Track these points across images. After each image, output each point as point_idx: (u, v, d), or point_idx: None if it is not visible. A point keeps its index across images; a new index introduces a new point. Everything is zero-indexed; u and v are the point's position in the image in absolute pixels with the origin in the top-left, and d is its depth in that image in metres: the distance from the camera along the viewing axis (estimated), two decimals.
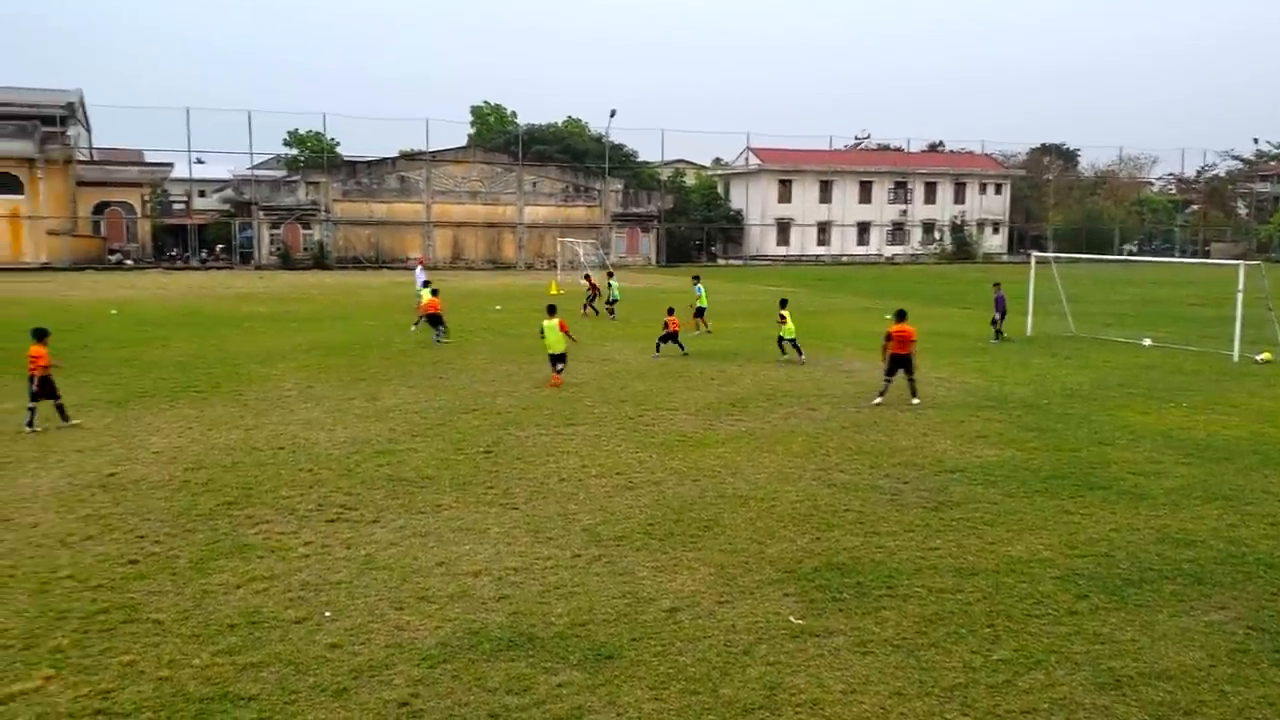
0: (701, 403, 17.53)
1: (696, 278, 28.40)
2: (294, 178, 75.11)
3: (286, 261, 70.12)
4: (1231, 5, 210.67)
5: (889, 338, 17.83)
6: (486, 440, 14.31)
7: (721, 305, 39.73)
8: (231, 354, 23.41)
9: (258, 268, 68.91)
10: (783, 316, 23.22)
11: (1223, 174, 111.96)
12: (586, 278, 36.87)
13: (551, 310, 20.53)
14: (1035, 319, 29.51)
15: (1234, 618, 8.19)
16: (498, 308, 36.80)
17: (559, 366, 19.69)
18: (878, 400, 17.52)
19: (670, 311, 24.23)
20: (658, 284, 53.83)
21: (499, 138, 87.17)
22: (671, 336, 23.78)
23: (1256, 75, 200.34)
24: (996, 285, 28.63)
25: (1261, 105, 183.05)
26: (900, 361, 17.69)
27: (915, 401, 17.46)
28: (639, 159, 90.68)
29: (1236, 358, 23.38)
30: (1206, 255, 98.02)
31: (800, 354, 22.89)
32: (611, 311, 32.23)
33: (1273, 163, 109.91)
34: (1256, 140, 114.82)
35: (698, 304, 29.30)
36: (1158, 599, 8.59)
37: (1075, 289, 34.36)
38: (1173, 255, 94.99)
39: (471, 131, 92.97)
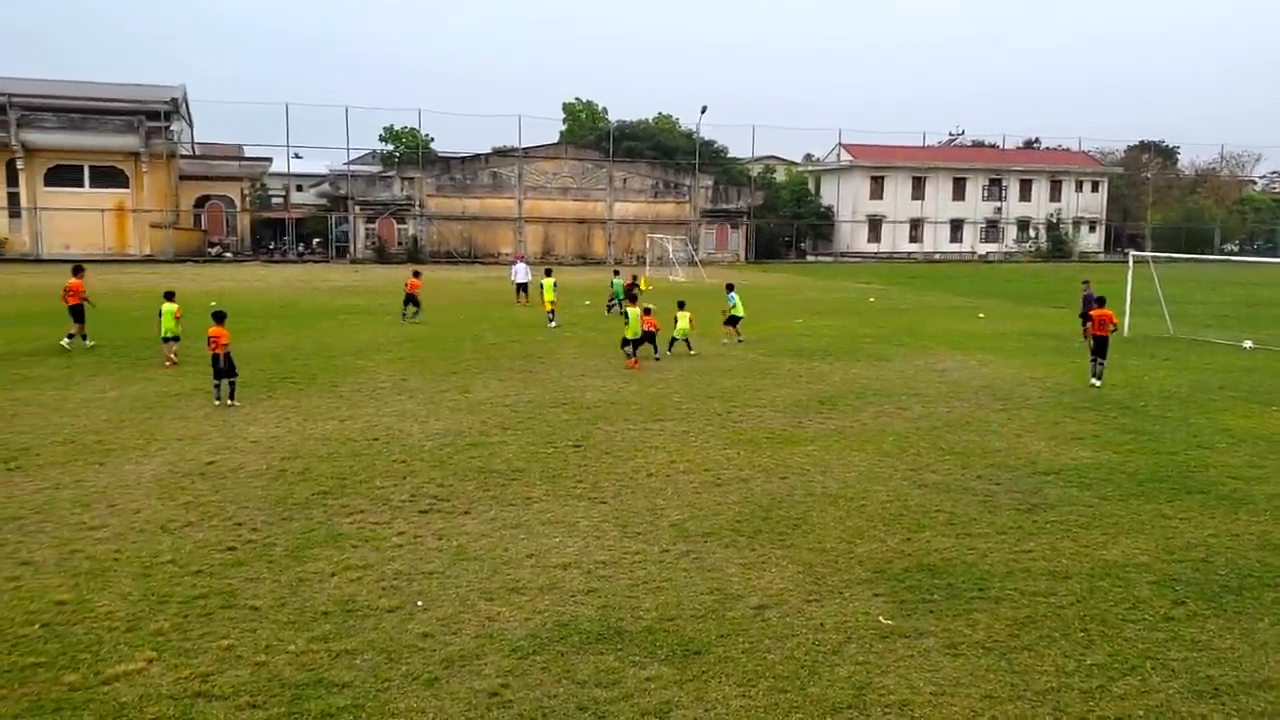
0: (790, 400, 17.46)
1: (730, 286, 27.63)
2: (389, 173, 76.63)
3: (381, 256, 71.56)
4: None
5: (1088, 319, 20.73)
6: (576, 434, 14.44)
7: (810, 302, 39.48)
8: (327, 345, 24.03)
9: (353, 261, 70.50)
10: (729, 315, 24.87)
11: None
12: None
13: (633, 297, 21.77)
14: (1132, 319, 28.67)
15: None
16: (586, 303, 37.05)
17: (632, 350, 21.06)
18: (1095, 382, 19.22)
19: (647, 311, 22.59)
20: (744, 280, 53.59)
21: (590, 134, 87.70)
22: (649, 337, 22.10)
23: None
24: (1085, 283, 28.05)
25: None
26: (1103, 343, 19.57)
27: (1096, 384, 19.19)
28: (729, 155, 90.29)
29: None
30: None
31: (739, 337, 23.91)
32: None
33: None
34: None
35: (731, 312, 28.38)
36: (1258, 607, 8.32)
37: (1173, 289, 33.35)
38: (1277, 255, 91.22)
39: (563, 128, 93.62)
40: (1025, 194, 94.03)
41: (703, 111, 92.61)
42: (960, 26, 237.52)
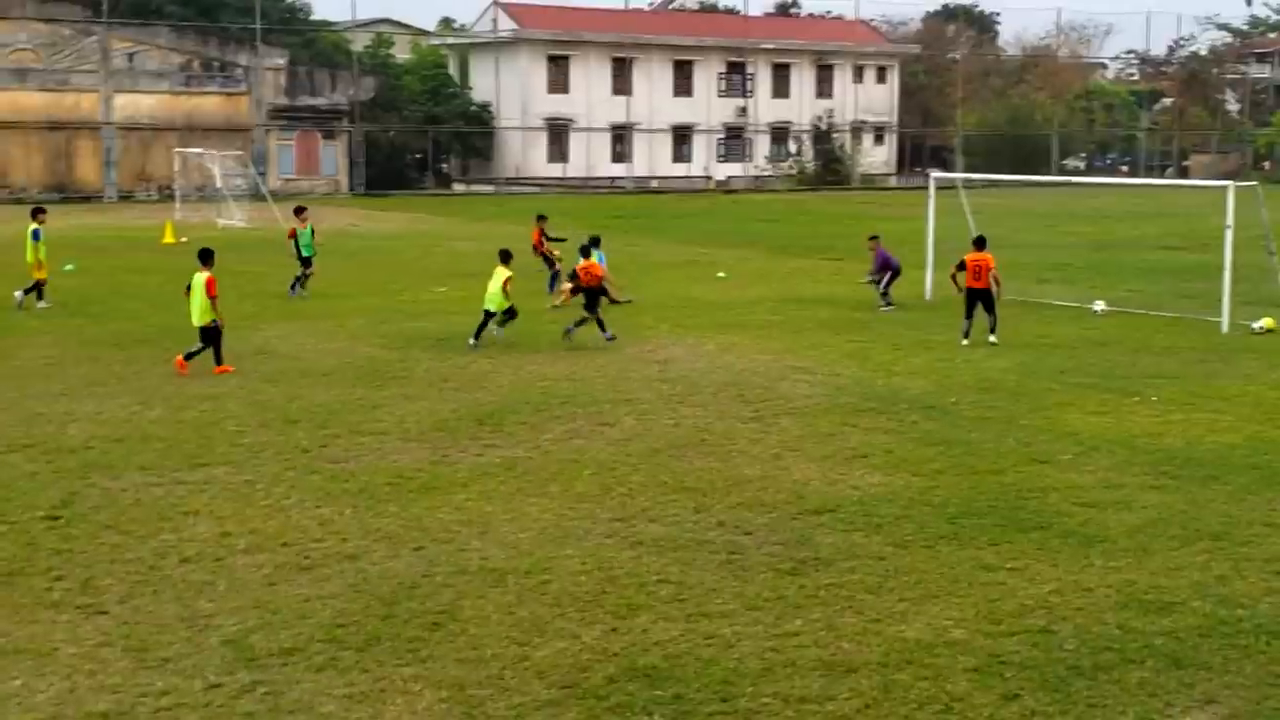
0: (429, 419, 17.40)
1: (596, 240, 28.11)
2: None
3: None
4: None
5: (961, 267, 23.82)
6: (51, 498, 13.81)
7: (459, 259, 39.65)
8: None
9: None
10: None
11: (1205, 51, 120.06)
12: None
13: (206, 258, 21.03)
14: (937, 274, 30.71)
15: (1227, 717, 8.74)
16: (68, 267, 35.24)
17: (198, 348, 20.44)
18: (964, 342, 23.22)
19: (585, 252, 24.72)
20: (351, 223, 53.11)
21: None
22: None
23: None
24: (874, 239, 29.59)
25: None
26: (978, 296, 23.46)
27: (993, 339, 23.28)
28: (313, 18, 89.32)
29: (1227, 326, 25.17)
30: (1184, 173, 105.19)
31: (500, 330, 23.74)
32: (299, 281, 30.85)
33: (1273, 35, 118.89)
34: (1250, 1, 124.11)
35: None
36: (1120, 695, 9.07)
37: (995, 227, 35.68)
38: (1136, 174, 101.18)
39: None
40: (781, 87, 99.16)
41: None
42: None
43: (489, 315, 23.43)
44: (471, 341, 23.15)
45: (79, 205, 67.23)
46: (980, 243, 24.36)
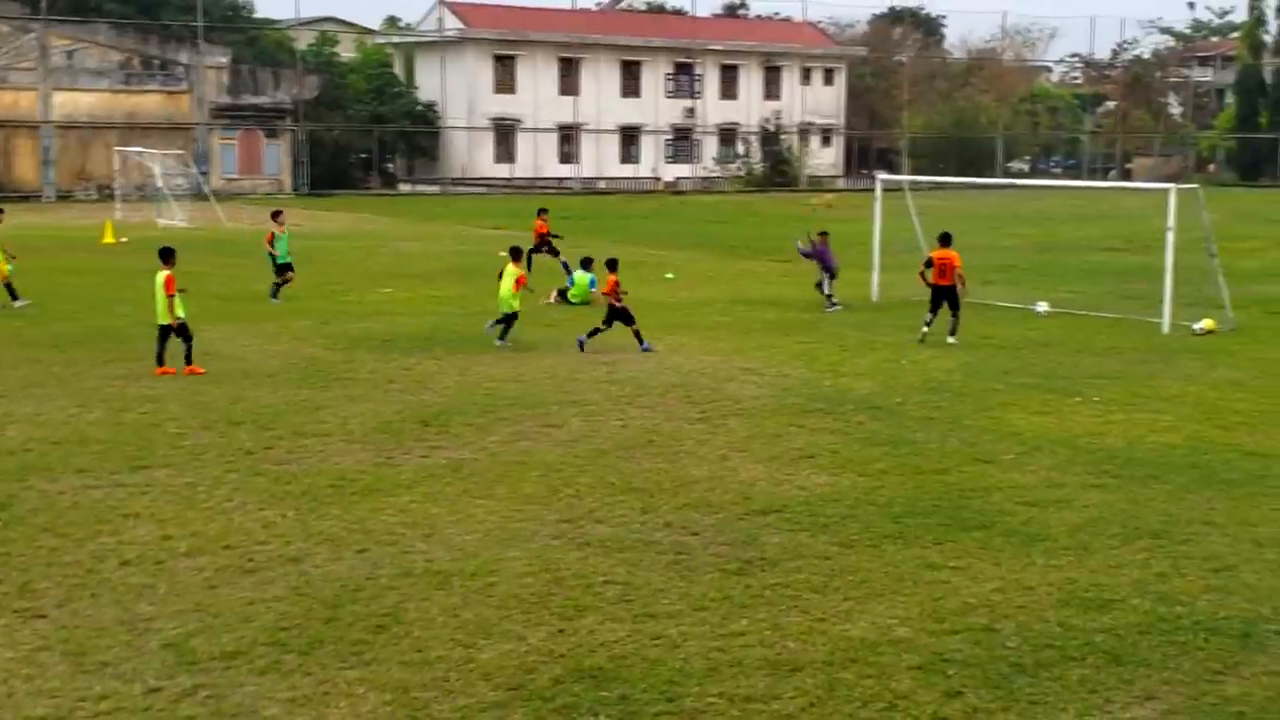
0: (373, 421, 17.37)
1: (588, 261, 29.40)
2: None
3: None
4: None
5: (930, 264, 24.38)
6: None
7: (405, 260, 39.58)
8: None
9: None
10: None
11: (1148, 55, 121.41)
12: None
13: (165, 256, 21.16)
14: (884, 276, 30.95)
15: (1165, 711, 8.88)
16: (9, 268, 34.87)
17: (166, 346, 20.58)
18: (924, 330, 23.92)
19: (612, 266, 23.95)
20: (297, 227, 52.68)
21: None
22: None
23: None
24: (823, 235, 29.80)
25: None
26: (944, 294, 23.93)
27: (951, 340, 23.72)
28: (257, 15, 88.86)
29: (1168, 327, 25.47)
30: (1127, 175, 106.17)
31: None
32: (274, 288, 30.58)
33: (1215, 38, 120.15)
34: (1193, 5, 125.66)
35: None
36: (1061, 692, 9.19)
37: (941, 229, 36.23)
38: (1079, 176, 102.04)
39: None
40: (729, 88, 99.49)
41: None
42: None
43: (510, 317, 23.47)
44: (499, 342, 23.36)
45: (16, 205, 65.85)
46: (945, 239, 24.79)
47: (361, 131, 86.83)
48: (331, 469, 14.97)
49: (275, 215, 31.64)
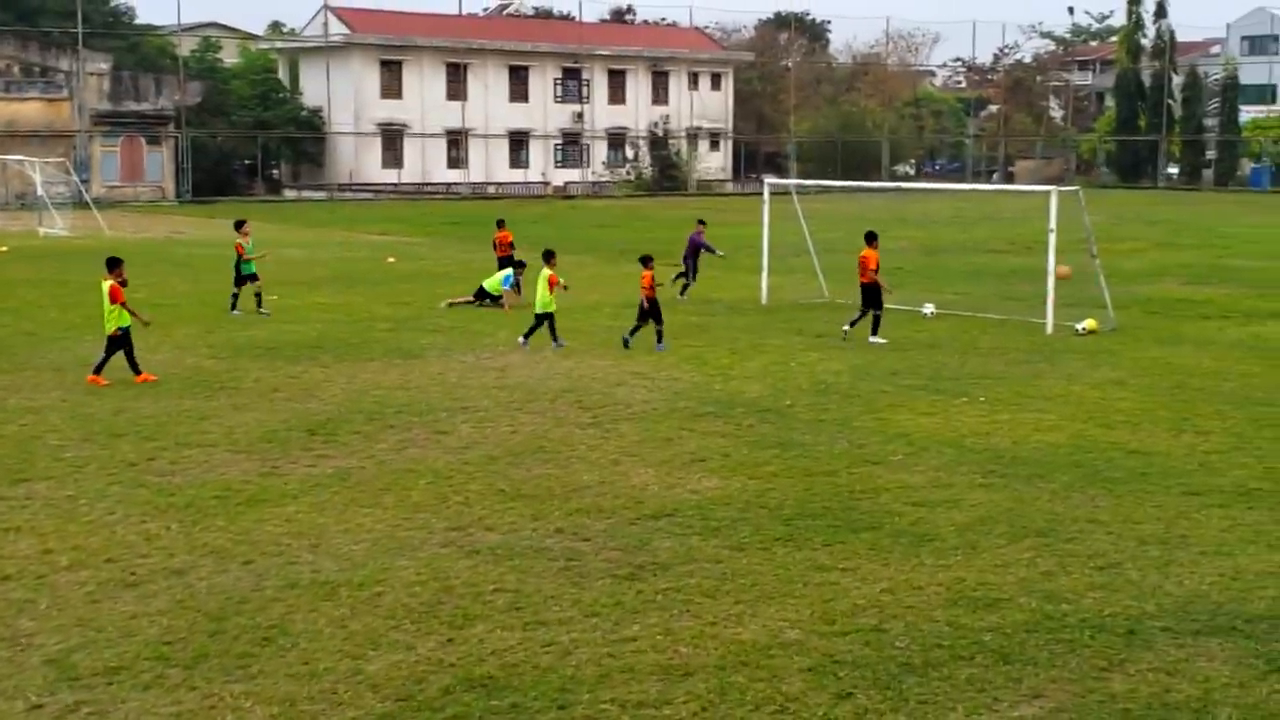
0: (258, 430, 17.19)
1: (519, 262, 29.90)
2: None
3: None
4: None
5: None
6: None
7: (291, 266, 39.14)
8: None
9: None
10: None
11: (1029, 59, 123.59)
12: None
13: (110, 265, 21.15)
14: (772, 280, 31.18)
15: (1053, 709, 9.00)
16: None
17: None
18: (845, 329, 24.82)
19: (645, 262, 24.78)
20: (174, 232, 52.15)
21: None
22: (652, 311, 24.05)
23: None
24: (700, 223, 31.41)
25: None
26: (863, 292, 24.88)
27: (872, 340, 24.36)
28: (138, 21, 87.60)
29: (1051, 328, 25.88)
30: (1010, 178, 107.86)
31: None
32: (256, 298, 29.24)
33: (1094, 43, 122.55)
34: (1072, 10, 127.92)
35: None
36: (950, 691, 9.30)
37: (829, 233, 36.70)
38: (963, 179, 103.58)
39: None
40: (617, 93, 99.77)
41: None
42: None
43: (543, 318, 23.77)
44: (556, 343, 23.76)
45: None
46: (869, 237, 25.37)
47: (246, 138, 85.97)
48: (216, 480, 14.78)
49: (239, 225, 30.09)
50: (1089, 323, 26.05)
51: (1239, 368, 22.17)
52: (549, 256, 24.70)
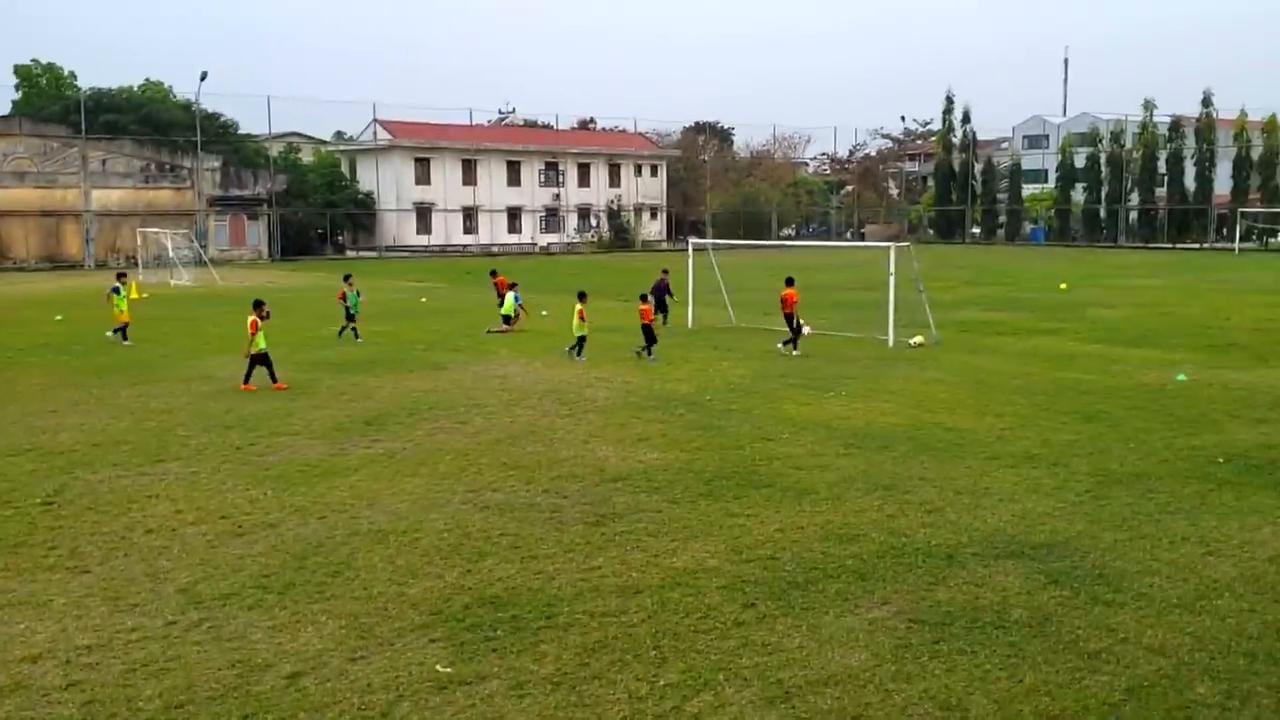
0: (329, 422, 17.06)
1: (513, 285, 30.32)
2: None
3: None
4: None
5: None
6: (46, 488, 13.17)
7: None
8: None
9: None
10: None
11: (874, 153, 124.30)
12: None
13: (255, 306, 20.92)
14: (696, 310, 31.23)
15: (896, 612, 9.07)
16: (58, 318, 33.76)
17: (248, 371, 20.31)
18: (779, 347, 24.95)
19: (644, 299, 24.90)
20: (268, 280, 51.65)
21: (55, 104, 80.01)
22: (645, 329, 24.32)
23: (903, 53, 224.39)
24: (664, 272, 31.24)
25: (909, 82, 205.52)
26: (786, 320, 25.26)
27: (789, 351, 24.47)
28: (240, 131, 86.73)
29: (891, 342, 25.98)
30: (862, 237, 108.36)
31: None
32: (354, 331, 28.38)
33: (919, 141, 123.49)
34: (904, 118, 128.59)
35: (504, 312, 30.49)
36: (823, 600, 9.34)
37: (735, 277, 36.67)
38: (829, 238, 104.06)
39: (17, 97, 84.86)
40: (584, 179, 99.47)
41: (202, 78, 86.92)
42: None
43: (581, 339, 23.90)
44: (579, 358, 23.64)
45: (66, 271, 64.34)
46: (789, 281, 26.23)
47: (319, 214, 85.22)
48: (299, 458, 14.67)
49: (347, 278, 29.69)
50: (918, 338, 26.18)
51: (1023, 369, 22.32)
52: (581, 296, 24.77)
